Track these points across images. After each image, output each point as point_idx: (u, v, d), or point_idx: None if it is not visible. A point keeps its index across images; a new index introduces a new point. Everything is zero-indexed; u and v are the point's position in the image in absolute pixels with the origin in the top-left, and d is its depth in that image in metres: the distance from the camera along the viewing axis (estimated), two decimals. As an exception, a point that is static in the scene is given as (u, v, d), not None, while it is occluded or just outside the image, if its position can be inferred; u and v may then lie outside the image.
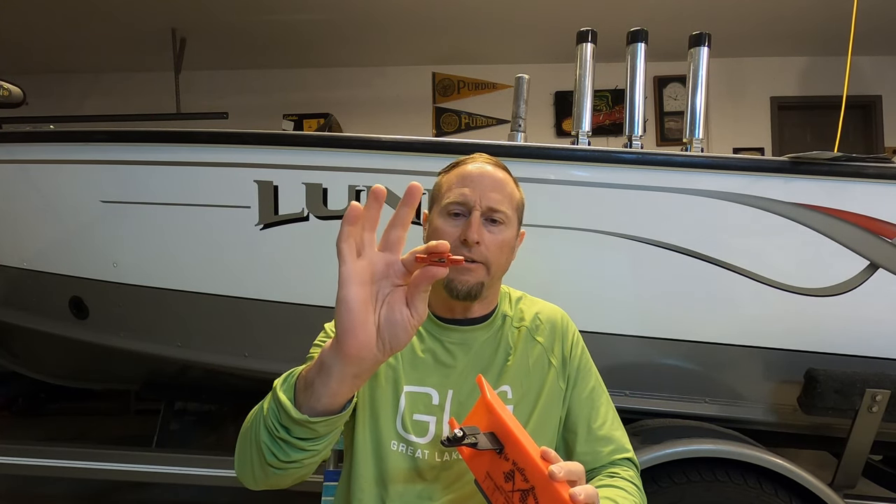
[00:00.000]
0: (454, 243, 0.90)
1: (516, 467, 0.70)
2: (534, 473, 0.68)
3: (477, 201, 0.92)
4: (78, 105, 4.85)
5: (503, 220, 0.94)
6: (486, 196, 0.92)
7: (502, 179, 0.96)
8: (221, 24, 4.00)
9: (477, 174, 0.94)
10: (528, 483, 0.69)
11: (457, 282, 0.91)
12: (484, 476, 0.74)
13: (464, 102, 4.87)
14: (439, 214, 0.95)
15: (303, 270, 1.67)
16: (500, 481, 0.72)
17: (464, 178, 0.94)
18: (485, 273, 0.92)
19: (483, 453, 0.74)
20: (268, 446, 0.68)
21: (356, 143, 1.59)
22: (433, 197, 0.99)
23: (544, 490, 0.67)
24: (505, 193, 0.95)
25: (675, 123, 4.73)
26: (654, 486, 1.42)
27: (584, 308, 1.49)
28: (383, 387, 0.94)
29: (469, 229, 0.90)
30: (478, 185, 0.93)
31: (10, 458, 1.92)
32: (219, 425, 3.24)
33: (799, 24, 4.06)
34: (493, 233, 0.92)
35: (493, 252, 0.92)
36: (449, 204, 0.93)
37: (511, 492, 0.70)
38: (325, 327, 1.00)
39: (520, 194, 1.00)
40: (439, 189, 0.98)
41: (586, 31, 1.63)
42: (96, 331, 1.88)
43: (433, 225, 0.96)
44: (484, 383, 0.78)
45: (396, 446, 0.92)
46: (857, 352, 1.54)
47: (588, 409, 0.99)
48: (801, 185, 1.51)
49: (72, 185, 1.78)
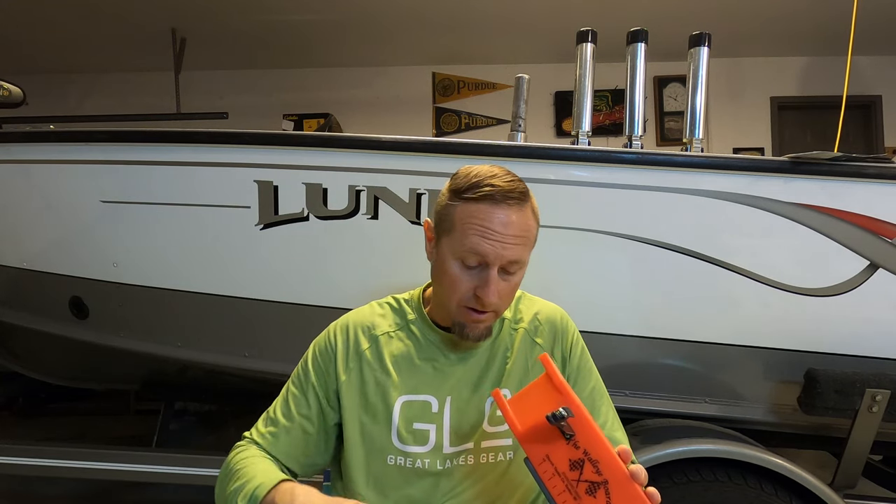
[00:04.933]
0: (468, 292, 0.87)
1: (588, 458, 0.68)
2: (611, 468, 0.67)
3: (497, 257, 0.84)
4: (78, 105, 4.84)
5: (520, 268, 0.89)
6: (508, 251, 0.84)
7: (525, 222, 0.87)
8: (221, 24, 4.00)
9: (500, 224, 0.84)
10: (601, 476, 0.67)
11: (468, 329, 0.89)
12: (541, 459, 0.71)
13: (464, 102, 4.87)
14: (452, 254, 0.87)
15: (303, 270, 1.67)
16: (564, 468, 0.69)
17: (486, 227, 0.84)
18: (494, 318, 0.91)
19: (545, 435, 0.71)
20: None
21: (356, 143, 1.59)
22: (443, 219, 0.89)
23: (620, 487, 0.66)
24: (526, 240, 0.87)
25: (675, 123, 4.73)
26: (653, 486, 1.41)
27: (585, 308, 1.48)
28: (373, 404, 0.93)
29: (486, 290, 0.84)
30: (501, 237, 0.84)
31: (10, 458, 1.91)
32: (219, 425, 3.23)
33: (799, 24, 4.06)
34: (507, 281, 0.88)
35: (505, 300, 0.90)
36: (465, 252, 0.85)
37: (577, 481, 0.68)
38: (308, 363, 0.98)
39: (537, 226, 0.91)
40: (453, 220, 0.87)
41: (586, 31, 1.63)
42: (96, 331, 1.88)
43: (444, 264, 0.88)
44: (551, 363, 0.75)
45: (394, 460, 0.91)
46: (857, 352, 1.54)
47: (588, 409, 0.98)
48: (801, 185, 1.51)
49: (72, 185, 1.78)
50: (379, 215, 1.58)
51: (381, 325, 0.98)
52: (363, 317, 1.00)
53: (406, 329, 0.98)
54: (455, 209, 0.87)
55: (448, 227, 0.88)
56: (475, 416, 0.93)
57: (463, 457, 0.92)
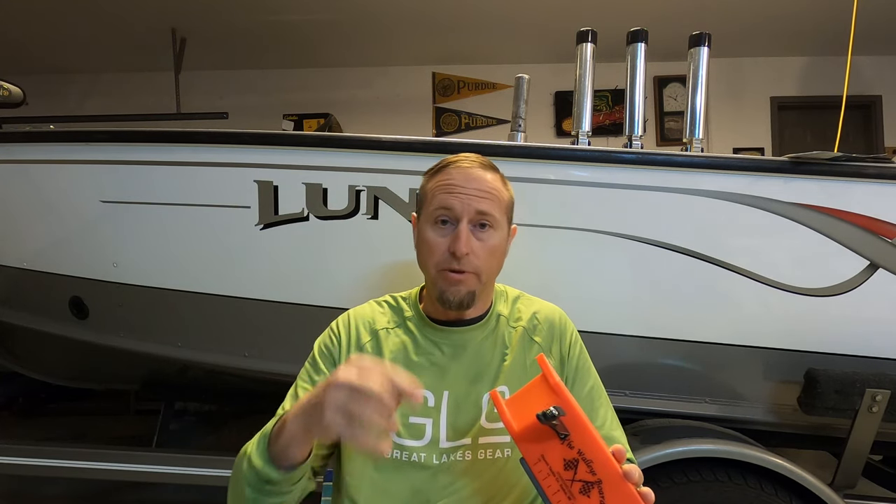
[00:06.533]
0: (443, 254, 0.90)
1: (582, 457, 0.69)
2: (605, 468, 0.67)
3: (464, 209, 0.89)
4: (78, 105, 4.84)
5: (492, 224, 0.92)
6: (473, 202, 0.90)
7: (489, 181, 0.93)
8: (221, 24, 4.00)
9: (463, 178, 0.91)
10: (594, 476, 0.68)
11: (448, 293, 0.91)
12: (537, 459, 0.72)
13: (464, 102, 4.87)
14: (426, 221, 0.93)
15: (303, 270, 1.67)
16: (559, 468, 0.70)
17: (449, 183, 0.92)
18: (476, 281, 0.91)
19: (540, 435, 0.72)
20: (254, 499, 0.79)
21: (356, 143, 1.59)
22: (419, 200, 0.97)
23: (614, 487, 0.66)
24: (493, 196, 0.92)
25: (675, 123, 4.73)
26: (653, 486, 1.40)
27: (584, 308, 1.49)
28: None
29: (458, 241, 0.88)
30: (464, 190, 0.90)
31: (10, 458, 1.91)
32: (219, 425, 3.23)
33: (799, 24, 4.06)
34: (482, 239, 0.91)
35: (483, 259, 0.91)
36: (435, 210, 0.91)
37: (571, 481, 0.69)
38: (315, 355, 0.98)
39: (508, 193, 0.97)
40: (424, 194, 0.96)
41: (586, 31, 1.63)
42: (96, 331, 1.88)
43: (421, 234, 0.94)
44: (547, 363, 0.76)
45: (391, 453, 0.92)
46: (857, 352, 1.54)
47: (587, 409, 0.98)
48: (801, 185, 1.51)
49: (72, 185, 1.78)
50: (379, 215, 1.58)
51: (380, 321, 1.00)
52: (364, 312, 1.02)
53: (403, 326, 0.99)
54: (426, 186, 0.96)
55: (422, 202, 0.96)
56: (473, 412, 0.94)
57: (460, 452, 0.93)
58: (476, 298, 0.93)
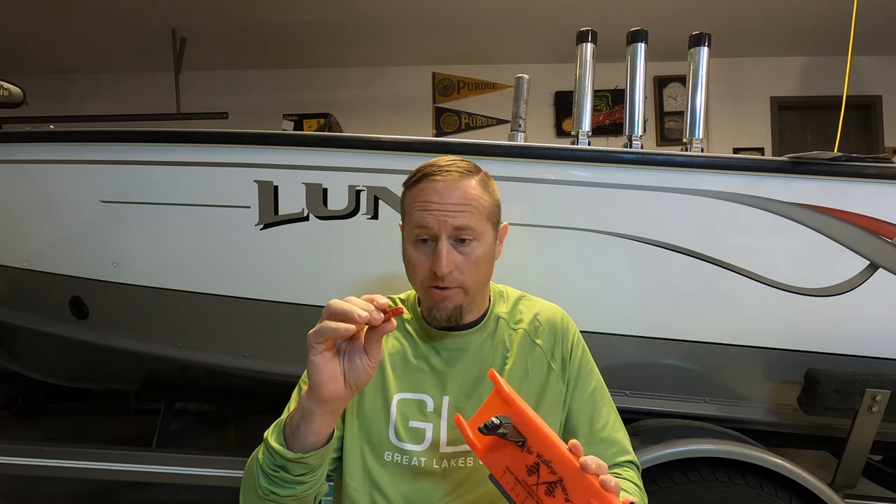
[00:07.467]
0: (427, 272, 0.88)
1: (542, 459, 0.69)
2: (563, 465, 0.68)
3: (441, 227, 0.86)
4: (78, 105, 4.84)
5: (473, 237, 0.88)
6: (450, 219, 0.86)
7: (467, 191, 0.88)
8: (221, 24, 4.00)
9: (438, 195, 0.87)
10: (555, 475, 0.68)
11: (435, 310, 0.90)
12: (502, 471, 0.73)
13: (464, 102, 4.87)
14: (408, 239, 0.91)
15: (303, 270, 1.67)
16: (523, 475, 0.71)
17: (424, 200, 0.88)
18: (462, 295, 0.90)
19: (501, 448, 0.73)
20: (268, 488, 0.77)
21: (356, 143, 1.59)
22: (401, 211, 0.95)
23: (574, 481, 0.67)
24: (471, 207, 0.88)
25: (675, 123, 4.73)
26: (654, 486, 1.42)
27: (584, 308, 1.49)
28: (371, 398, 0.93)
29: (438, 262, 0.86)
30: (440, 207, 0.86)
31: (10, 458, 1.91)
32: (219, 425, 3.23)
33: (799, 24, 4.06)
34: (464, 253, 0.88)
35: (468, 273, 0.89)
36: (413, 229, 0.89)
37: (536, 485, 0.69)
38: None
39: (490, 198, 0.92)
40: (404, 208, 0.93)
41: (586, 31, 1.62)
42: (96, 331, 1.88)
43: (405, 250, 0.92)
44: (498, 377, 0.76)
45: (391, 457, 0.92)
46: (857, 352, 1.54)
47: (589, 410, 0.98)
48: (801, 185, 1.51)
49: (72, 185, 1.78)
50: (379, 215, 1.58)
51: None
52: None
53: (402, 329, 0.99)
54: (404, 199, 0.94)
55: (402, 215, 0.95)
56: None
57: (462, 458, 0.92)
58: (465, 311, 0.92)
